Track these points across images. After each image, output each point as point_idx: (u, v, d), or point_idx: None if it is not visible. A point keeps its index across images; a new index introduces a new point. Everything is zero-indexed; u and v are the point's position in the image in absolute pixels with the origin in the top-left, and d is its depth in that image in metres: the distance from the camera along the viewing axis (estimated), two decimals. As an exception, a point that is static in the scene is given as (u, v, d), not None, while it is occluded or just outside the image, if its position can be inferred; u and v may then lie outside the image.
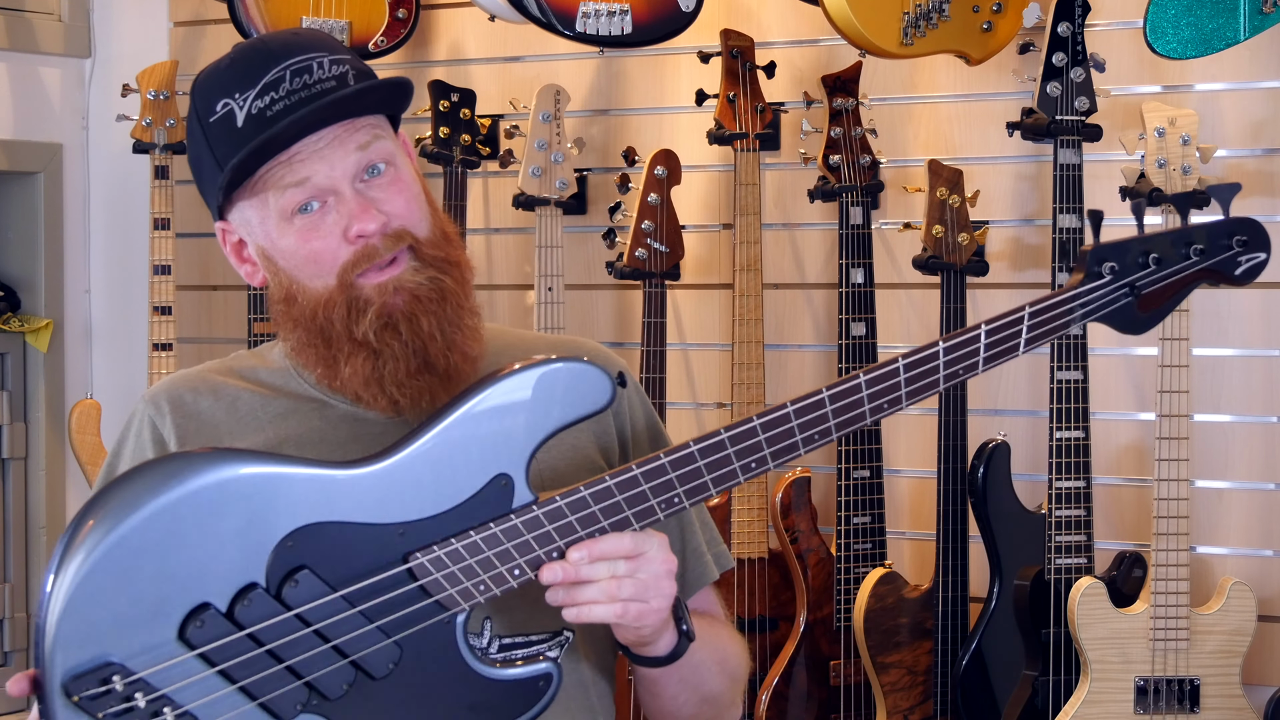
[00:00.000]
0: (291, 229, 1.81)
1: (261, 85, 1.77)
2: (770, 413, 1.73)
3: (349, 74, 1.80)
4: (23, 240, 4.22)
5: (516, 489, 1.72)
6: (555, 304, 3.63)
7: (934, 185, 3.39)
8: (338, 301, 1.80)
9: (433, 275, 1.81)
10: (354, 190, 1.79)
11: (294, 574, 1.68)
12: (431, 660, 1.72)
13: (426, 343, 1.80)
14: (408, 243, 1.81)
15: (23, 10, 4.16)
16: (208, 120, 1.80)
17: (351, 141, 1.79)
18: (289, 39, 1.82)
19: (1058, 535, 3.24)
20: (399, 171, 1.83)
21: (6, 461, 4.15)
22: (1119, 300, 1.82)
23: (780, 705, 3.45)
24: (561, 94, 3.67)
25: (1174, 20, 3.19)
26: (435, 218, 1.85)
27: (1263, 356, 3.40)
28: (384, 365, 1.80)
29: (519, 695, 1.75)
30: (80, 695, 1.63)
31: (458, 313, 1.82)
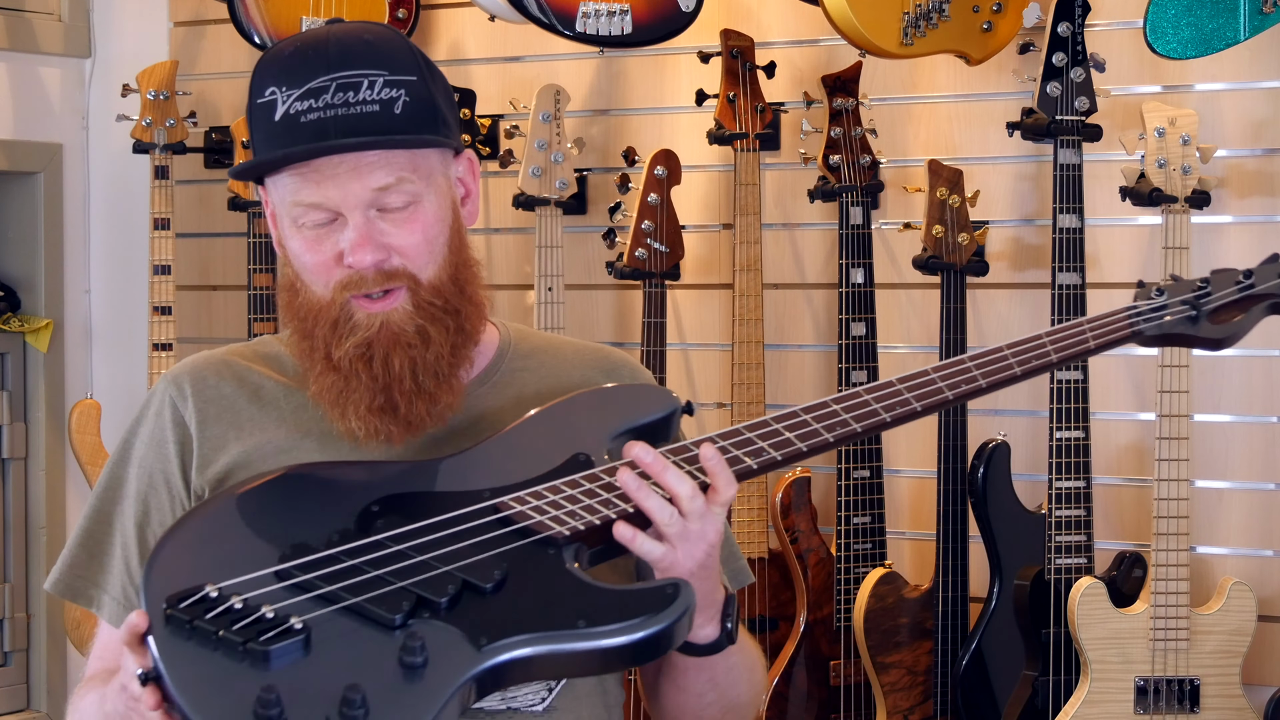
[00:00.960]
0: (299, 234, 1.82)
1: (305, 89, 1.77)
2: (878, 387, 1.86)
3: (398, 101, 1.78)
4: (23, 240, 4.22)
5: (595, 463, 1.76)
6: (555, 304, 3.63)
7: (934, 185, 3.39)
8: (328, 315, 1.81)
9: (421, 324, 1.81)
10: (363, 218, 1.79)
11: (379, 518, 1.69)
12: (540, 574, 1.68)
13: (393, 383, 1.80)
14: (405, 282, 1.80)
15: (23, 10, 4.16)
16: (255, 101, 1.81)
17: (371, 177, 1.78)
18: (355, 45, 1.80)
19: (1058, 535, 3.24)
20: (420, 210, 1.81)
21: (6, 461, 4.15)
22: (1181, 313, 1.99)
23: (780, 705, 3.45)
24: (561, 94, 3.67)
25: (1174, 20, 3.19)
26: (451, 261, 1.84)
27: (1263, 356, 3.40)
28: (350, 393, 1.81)
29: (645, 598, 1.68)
30: (179, 606, 1.61)
31: (436, 362, 1.81)
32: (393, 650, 1.59)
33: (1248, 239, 3.40)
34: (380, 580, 1.64)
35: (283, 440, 1.87)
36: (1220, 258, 3.39)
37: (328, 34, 1.82)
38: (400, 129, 1.78)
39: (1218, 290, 2.00)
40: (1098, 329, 1.97)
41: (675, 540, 1.71)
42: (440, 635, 1.61)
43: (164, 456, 1.89)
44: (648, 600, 1.66)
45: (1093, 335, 1.97)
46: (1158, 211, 3.22)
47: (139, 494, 1.90)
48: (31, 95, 4.22)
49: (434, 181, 1.83)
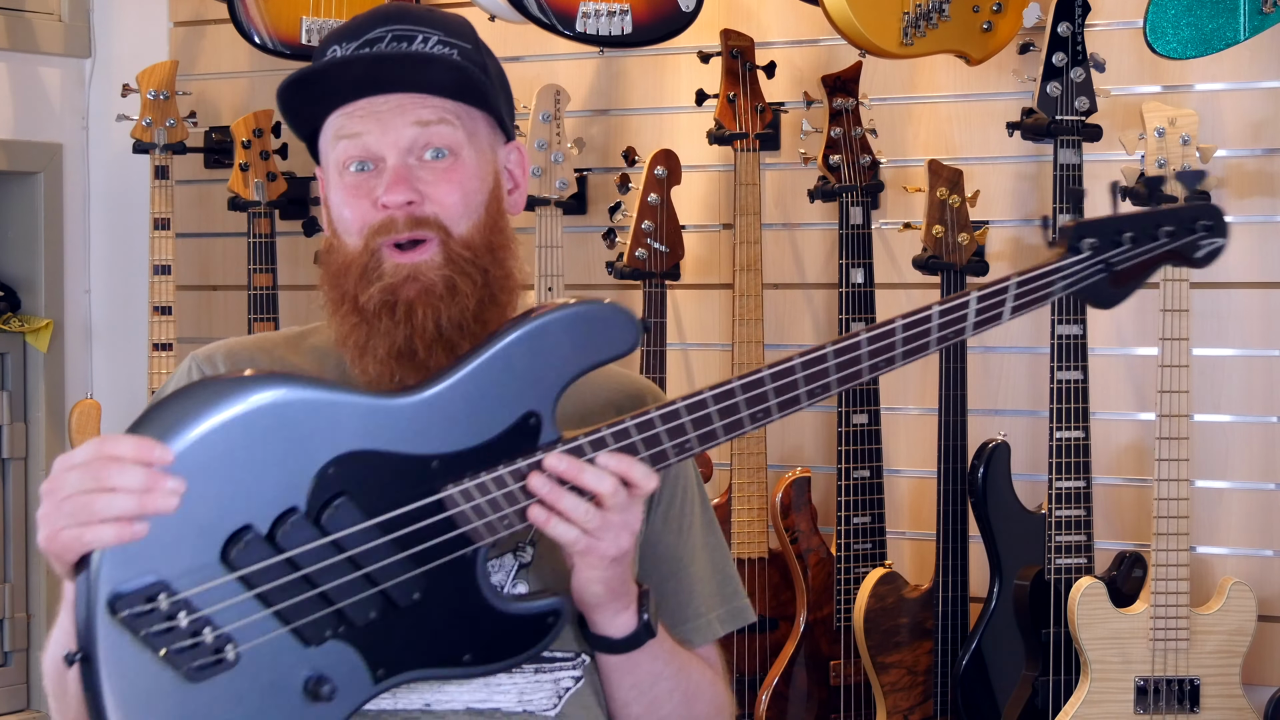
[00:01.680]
0: (341, 183, 1.83)
1: (362, 40, 1.81)
2: (779, 364, 1.75)
3: (451, 54, 1.81)
4: (23, 240, 4.22)
5: (544, 427, 1.75)
6: (555, 304, 3.62)
7: (934, 185, 3.39)
8: (359, 263, 1.81)
9: (449, 275, 1.81)
10: (401, 161, 1.80)
11: (333, 500, 1.71)
12: (451, 593, 1.75)
13: (415, 333, 1.80)
14: (435, 231, 1.81)
15: (23, 10, 4.16)
16: (315, 66, 1.83)
17: (413, 114, 1.80)
18: (415, 9, 1.84)
19: (1058, 535, 3.24)
20: (460, 163, 1.82)
21: (6, 461, 4.15)
22: (1094, 276, 1.93)
23: (780, 705, 3.45)
24: (561, 94, 3.67)
25: (1174, 20, 3.19)
26: (488, 225, 1.84)
27: (1263, 356, 3.40)
28: (371, 337, 1.81)
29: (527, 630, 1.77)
30: (124, 612, 1.66)
31: (461, 315, 1.81)
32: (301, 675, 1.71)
33: (1248, 239, 3.40)
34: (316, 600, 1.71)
35: None
36: (1220, 257, 3.39)
37: (384, 5, 1.86)
38: (450, 77, 1.80)
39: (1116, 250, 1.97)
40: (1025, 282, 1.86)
41: (597, 532, 1.72)
42: (347, 660, 1.72)
43: None
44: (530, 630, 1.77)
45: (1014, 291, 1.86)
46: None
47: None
48: (31, 95, 4.22)
49: (477, 142, 1.84)
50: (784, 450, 3.71)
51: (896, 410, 3.62)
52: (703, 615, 2.00)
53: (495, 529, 1.75)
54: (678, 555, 1.97)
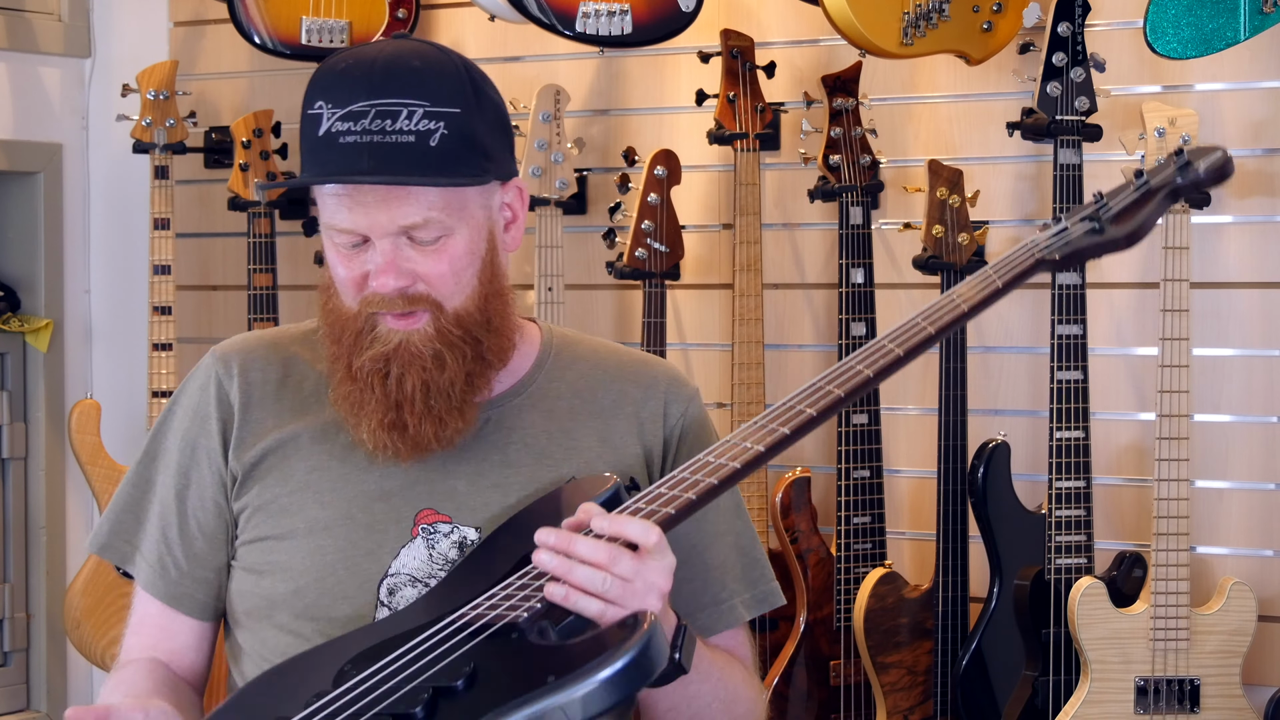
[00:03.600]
0: (334, 247, 1.86)
1: (347, 110, 1.80)
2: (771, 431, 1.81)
3: (435, 133, 1.80)
4: (23, 240, 4.22)
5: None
6: (555, 304, 3.63)
7: (934, 185, 3.39)
8: (354, 326, 1.85)
9: (439, 349, 1.83)
10: (390, 245, 1.82)
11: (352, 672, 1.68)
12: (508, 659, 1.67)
13: (404, 402, 1.83)
14: (429, 307, 1.84)
15: (23, 10, 4.16)
16: (307, 111, 1.84)
17: (399, 211, 1.80)
18: (401, 71, 1.82)
19: (1058, 535, 3.24)
20: (450, 243, 1.84)
21: (6, 461, 4.15)
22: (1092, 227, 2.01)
23: (780, 705, 3.45)
24: (561, 94, 3.67)
25: (1174, 20, 3.19)
26: (481, 292, 1.87)
27: (1263, 356, 3.40)
28: (364, 404, 1.85)
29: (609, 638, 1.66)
30: None
31: (449, 387, 1.84)
32: None
33: (1248, 239, 3.40)
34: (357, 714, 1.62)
35: (312, 429, 1.91)
36: (1220, 258, 3.40)
37: (379, 53, 1.83)
38: (433, 164, 1.80)
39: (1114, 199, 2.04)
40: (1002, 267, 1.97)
41: (620, 599, 1.67)
42: None
43: (207, 432, 1.94)
44: (611, 637, 1.64)
45: (998, 274, 1.96)
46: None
47: (180, 465, 1.94)
48: (31, 95, 4.22)
49: (467, 215, 1.86)
50: (784, 450, 3.70)
51: (896, 410, 3.62)
52: (725, 601, 1.99)
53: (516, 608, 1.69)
54: (694, 541, 1.95)
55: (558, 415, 1.94)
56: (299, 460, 1.91)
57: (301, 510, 1.89)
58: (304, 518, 1.89)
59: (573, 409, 1.95)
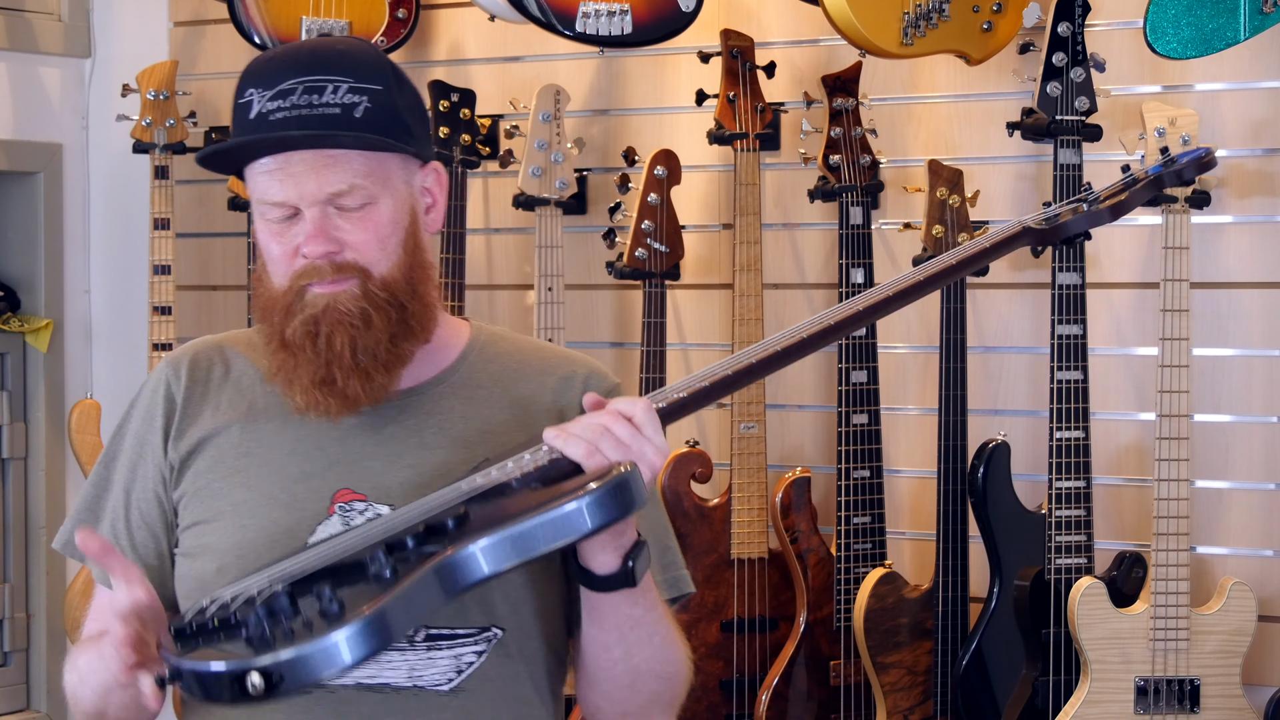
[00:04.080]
0: (265, 226, 1.97)
1: (276, 90, 1.92)
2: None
3: (359, 106, 1.92)
4: (23, 240, 4.21)
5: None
6: (555, 304, 3.63)
7: (934, 185, 3.39)
8: (284, 301, 1.96)
9: (365, 307, 1.93)
10: (319, 213, 1.93)
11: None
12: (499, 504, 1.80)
13: (334, 359, 1.93)
14: (356, 274, 1.94)
15: (23, 10, 4.16)
16: (237, 101, 1.96)
17: (327, 176, 1.92)
18: (326, 53, 1.95)
19: (1058, 535, 3.24)
20: (375, 210, 1.94)
21: (6, 461, 4.15)
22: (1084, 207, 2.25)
23: (780, 705, 3.45)
24: (561, 94, 3.67)
25: (1174, 20, 3.19)
26: (405, 261, 1.97)
27: (1263, 356, 3.40)
28: (296, 368, 1.96)
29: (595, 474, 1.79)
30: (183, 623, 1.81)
31: (375, 345, 1.94)
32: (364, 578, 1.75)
33: (1248, 239, 3.40)
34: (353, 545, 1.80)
35: (243, 420, 2.03)
36: (1220, 257, 3.40)
37: (305, 43, 1.99)
38: (358, 131, 1.92)
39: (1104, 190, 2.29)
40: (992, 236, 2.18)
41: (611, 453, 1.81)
42: (408, 558, 1.76)
43: (153, 429, 2.05)
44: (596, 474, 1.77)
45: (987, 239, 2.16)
46: (1158, 211, 3.22)
47: (130, 463, 2.06)
48: (31, 95, 4.22)
49: (391, 186, 1.96)
50: (784, 450, 3.71)
51: (896, 410, 3.62)
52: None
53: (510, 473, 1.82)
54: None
55: (476, 403, 2.03)
56: (230, 448, 2.01)
57: (229, 494, 1.99)
58: (230, 500, 1.99)
59: (492, 397, 2.04)
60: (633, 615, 1.93)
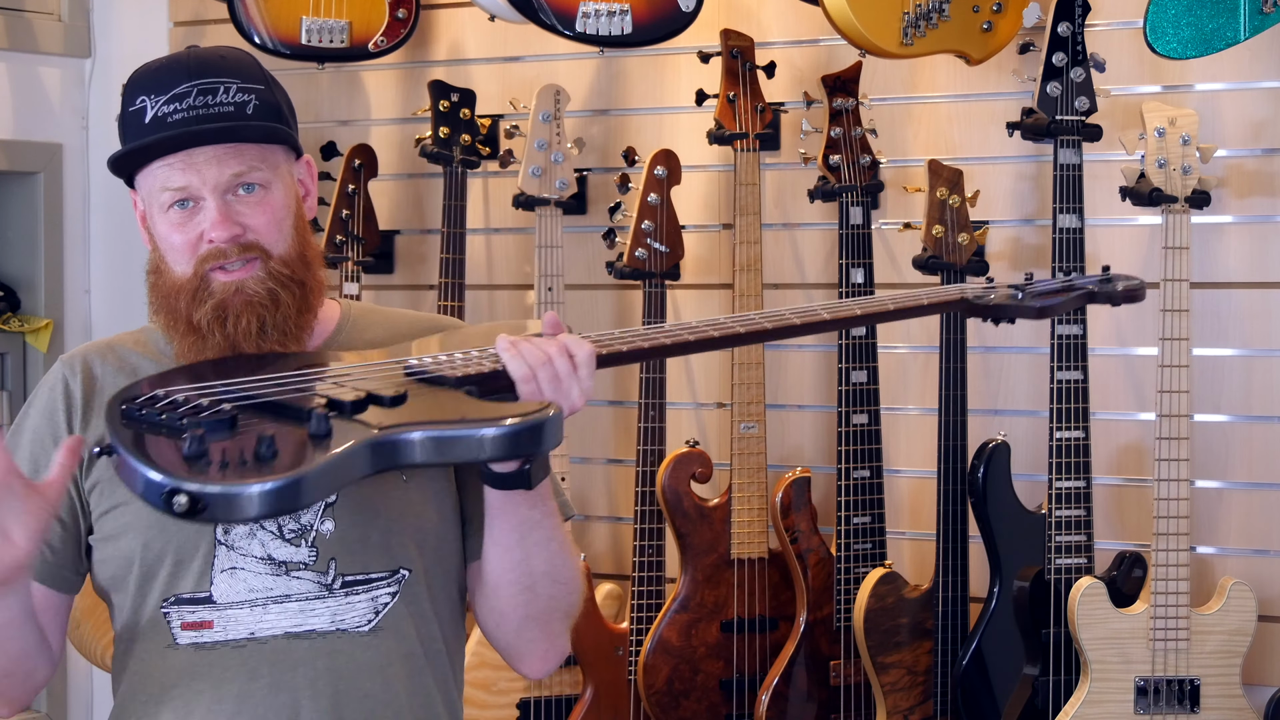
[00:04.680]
0: (166, 218, 2.11)
1: (171, 94, 2.08)
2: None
3: (249, 104, 2.11)
4: (23, 240, 4.22)
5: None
6: (555, 304, 3.63)
7: (934, 185, 3.39)
8: (189, 288, 2.10)
9: (272, 287, 2.10)
10: (221, 200, 2.09)
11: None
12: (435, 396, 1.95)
13: (241, 339, 2.09)
14: (258, 254, 2.10)
15: (23, 10, 4.16)
16: (127, 110, 2.11)
17: (228, 165, 2.08)
18: (213, 60, 2.13)
19: (1058, 535, 3.24)
20: (269, 195, 2.12)
21: (6, 461, 4.14)
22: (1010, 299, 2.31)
23: (780, 705, 3.45)
24: (561, 94, 3.67)
25: (1174, 20, 3.19)
26: (298, 241, 2.14)
27: (1263, 356, 3.40)
28: (205, 350, 2.10)
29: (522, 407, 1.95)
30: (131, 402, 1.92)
31: (284, 321, 2.11)
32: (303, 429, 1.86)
33: (1248, 239, 3.40)
34: (299, 388, 1.94)
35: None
36: (1220, 257, 3.40)
37: (188, 53, 2.15)
38: (253, 127, 2.10)
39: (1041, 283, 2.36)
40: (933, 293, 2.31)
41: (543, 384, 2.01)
42: (344, 424, 1.87)
43: (55, 424, 2.18)
44: (523, 408, 1.92)
45: (926, 296, 2.29)
46: (1158, 211, 3.22)
47: (31, 460, 2.17)
48: (31, 95, 4.22)
49: (281, 174, 2.14)
50: (784, 450, 3.71)
51: (896, 410, 3.62)
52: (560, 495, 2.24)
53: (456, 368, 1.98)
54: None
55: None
56: None
57: None
58: None
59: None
60: (531, 518, 2.09)
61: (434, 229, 3.89)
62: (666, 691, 3.50)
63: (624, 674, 3.58)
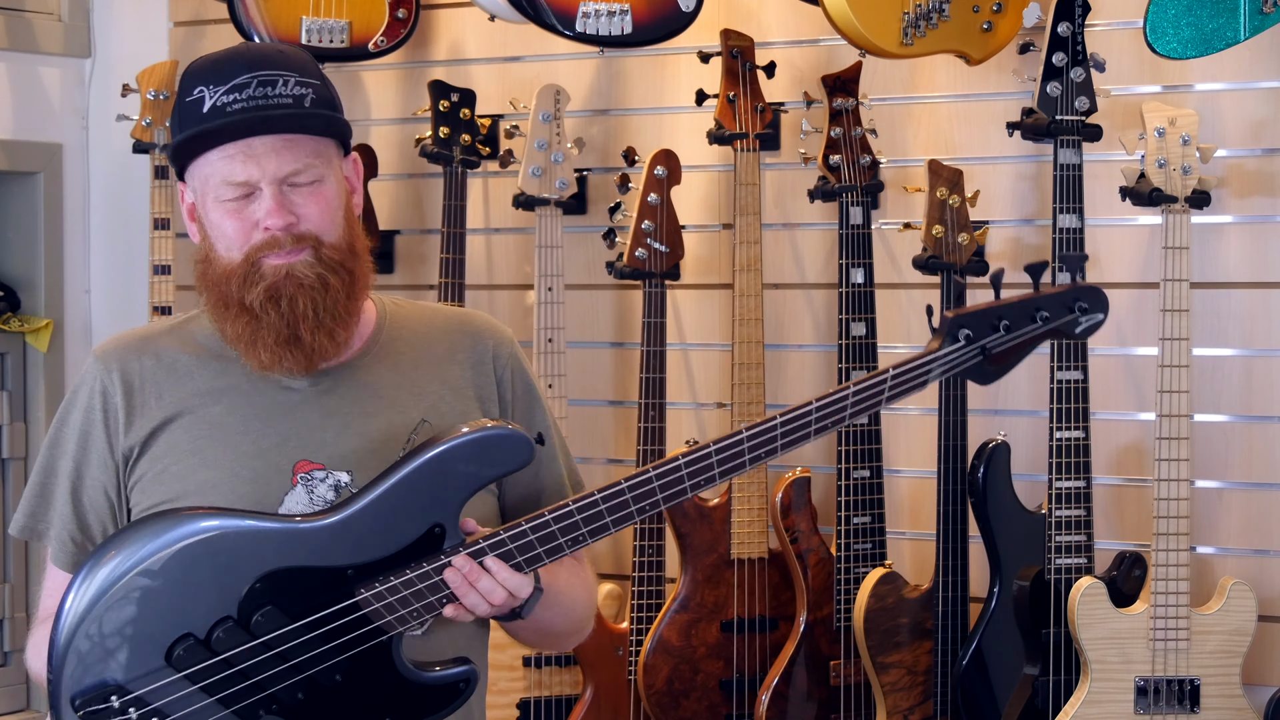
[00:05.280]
0: (220, 206, 2.15)
1: (230, 85, 2.12)
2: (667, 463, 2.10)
3: (307, 97, 2.15)
4: (23, 240, 4.22)
5: (448, 534, 2.08)
6: (555, 304, 3.63)
7: (934, 185, 3.39)
8: (240, 272, 2.15)
9: (322, 272, 2.15)
10: (277, 190, 2.13)
11: (260, 608, 2.05)
12: (371, 672, 2.07)
13: (299, 319, 2.14)
14: (311, 243, 2.15)
15: (23, 10, 4.16)
16: (184, 100, 2.15)
17: (286, 156, 2.13)
18: (272, 53, 2.17)
19: (1058, 535, 3.24)
20: (323, 187, 2.16)
21: (6, 461, 4.15)
22: (971, 360, 2.16)
23: (780, 705, 3.45)
24: (561, 94, 3.67)
25: (1174, 20, 3.19)
26: (349, 231, 2.20)
27: (1263, 356, 3.40)
28: (259, 330, 2.15)
29: (443, 694, 2.13)
30: (85, 711, 2.02)
31: (335, 305, 2.16)
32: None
33: (1248, 239, 3.40)
34: (248, 689, 2.04)
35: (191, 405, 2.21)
36: (1220, 257, 3.40)
37: (243, 46, 2.21)
38: (311, 120, 2.15)
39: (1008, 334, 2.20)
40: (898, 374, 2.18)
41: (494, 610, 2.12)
42: None
43: (95, 424, 2.24)
44: (446, 694, 2.12)
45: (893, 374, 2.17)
46: (1158, 211, 3.22)
47: (75, 454, 2.25)
48: (31, 95, 4.22)
49: (333, 167, 2.19)
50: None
51: (896, 410, 3.62)
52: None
53: (407, 620, 2.08)
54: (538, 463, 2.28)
55: (402, 366, 2.26)
56: (182, 432, 2.20)
57: (190, 475, 2.18)
58: (194, 481, 2.17)
59: (415, 360, 2.27)
60: (542, 617, 2.20)
61: (434, 229, 3.89)
62: (666, 691, 3.50)
63: (624, 674, 3.58)
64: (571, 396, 3.71)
